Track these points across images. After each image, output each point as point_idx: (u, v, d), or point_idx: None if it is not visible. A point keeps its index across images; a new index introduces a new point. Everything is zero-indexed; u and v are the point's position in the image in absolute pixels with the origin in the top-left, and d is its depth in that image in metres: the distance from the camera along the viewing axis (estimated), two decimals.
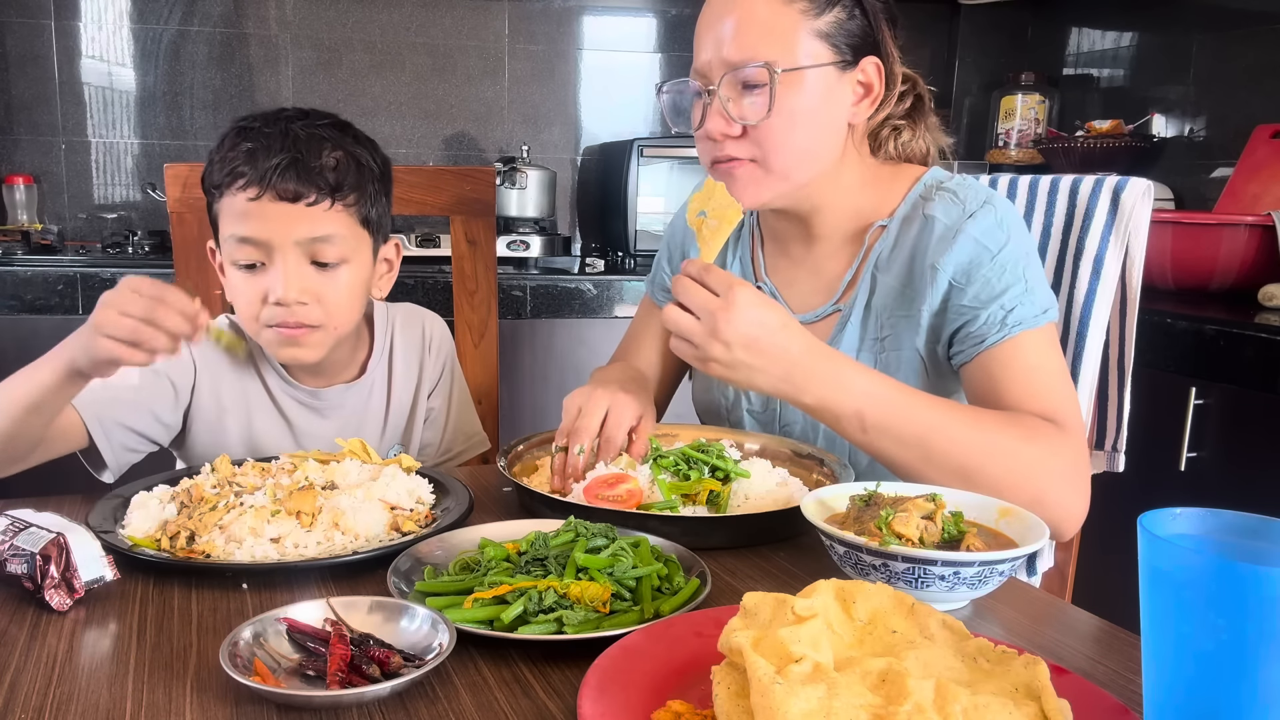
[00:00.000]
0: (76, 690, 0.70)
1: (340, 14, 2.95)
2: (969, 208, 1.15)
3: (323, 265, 1.18)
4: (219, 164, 1.18)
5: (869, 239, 1.22)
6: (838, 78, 1.14)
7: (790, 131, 1.13)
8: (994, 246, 1.13)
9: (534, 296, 2.52)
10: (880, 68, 1.16)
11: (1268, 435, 1.82)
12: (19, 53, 2.76)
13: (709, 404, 1.38)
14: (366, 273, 1.24)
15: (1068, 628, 0.86)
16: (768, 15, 1.10)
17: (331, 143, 1.19)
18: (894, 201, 1.22)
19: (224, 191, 1.17)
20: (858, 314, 1.21)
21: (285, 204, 1.15)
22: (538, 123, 3.15)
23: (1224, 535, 0.59)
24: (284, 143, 1.16)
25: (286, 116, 1.20)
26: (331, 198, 1.17)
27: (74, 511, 0.96)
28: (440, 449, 1.40)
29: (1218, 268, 2.18)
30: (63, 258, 2.48)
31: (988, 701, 0.57)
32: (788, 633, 0.61)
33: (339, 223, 1.18)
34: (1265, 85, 2.52)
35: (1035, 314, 1.12)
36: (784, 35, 1.10)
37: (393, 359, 1.35)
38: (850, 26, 1.13)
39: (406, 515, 1.00)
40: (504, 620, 0.76)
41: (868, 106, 1.17)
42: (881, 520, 0.85)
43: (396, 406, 1.35)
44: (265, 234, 1.15)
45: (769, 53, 1.10)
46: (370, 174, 1.22)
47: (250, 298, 1.18)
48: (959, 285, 1.14)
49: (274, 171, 1.14)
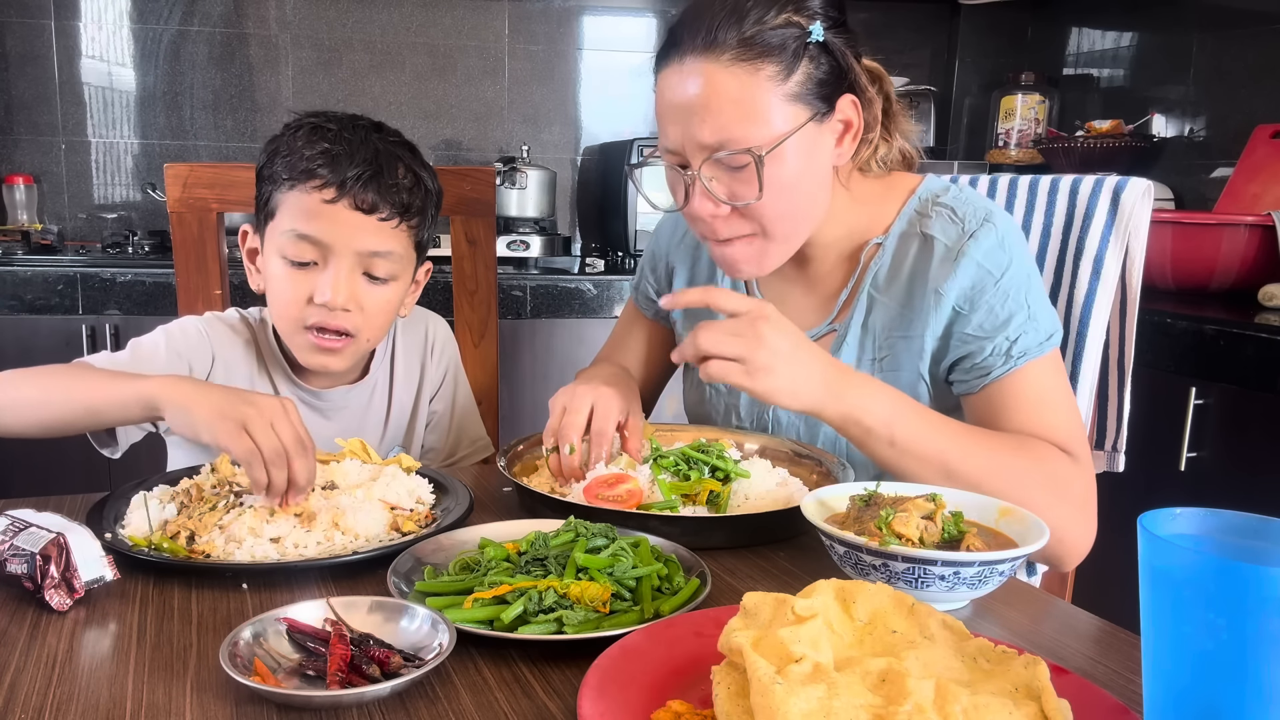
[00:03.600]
0: (76, 690, 0.70)
1: (340, 14, 2.96)
2: (968, 226, 1.13)
3: (373, 278, 1.19)
4: (291, 157, 1.17)
5: (864, 257, 1.20)
6: (817, 130, 1.08)
7: (784, 202, 1.09)
8: (997, 270, 1.11)
9: (534, 296, 2.52)
10: (856, 103, 1.11)
11: (1268, 435, 1.82)
12: (19, 53, 2.76)
13: (702, 416, 1.37)
14: (404, 291, 1.26)
15: (1068, 628, 0.86)
16: (736, 90, 1.03)
17: (404, 163, 1.21)
18: (888, 217, 1.20)
19: (293, 185, 1.16)
20: (854, 333, 1.20)
21: (358, 214, 1.16)
22: (538, 123, 3.15)
23: (1224, 535, 0.59)
24: (366, 153, 1.17)
25: (364, 126, 1.21)
26: (400, 217, 1.19)
27: (74, 511, 0.96)
28: (444, 453, 1.40)
29: (1218, 268, 2.18)
30: (63, 258, 2.48)
31: (988, 701, 0.57)
32: (788, 633, 0.61)
33: (399, 241, 1.20)
34: (1265, 85, 2.52)
35: (1039, 341, 1.11)
36: (757, 109, 1.04)
37: (395, 361, 1.36)
38: (820, 75, 1.07)
39: (406, 515, 1.00)
40: (504, 620, 0.76)
41: (850, 143, 1.13)
42: (881, 520, 0.85)
43: (398, 409, 1.36)
44: (330, 237, 1.16)
45: (746, 132, 1.04)
46: (432, 199, 1.25)
47: (294, 295, 1.18)
48: (962, 312, 1.12)
49: (355, 180, 1.15)
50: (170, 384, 1.03)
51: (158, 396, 1.02)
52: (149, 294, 2.31)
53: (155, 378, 1.05)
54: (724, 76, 1.04)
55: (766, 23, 1.04)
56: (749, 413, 1.30)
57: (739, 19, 1.04)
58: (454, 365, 1.43)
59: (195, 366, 1.25)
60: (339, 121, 1.20)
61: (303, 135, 1.18)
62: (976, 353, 1.12)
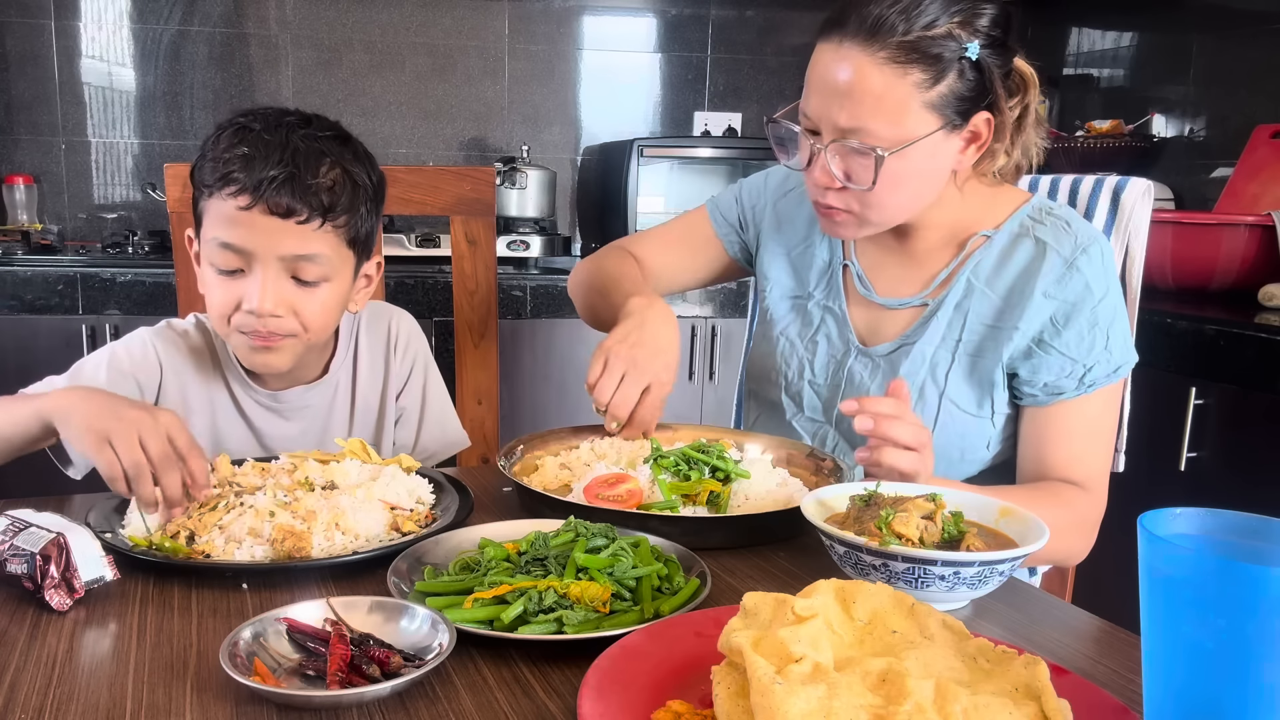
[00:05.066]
0: (76, 690, 0.70)
1: (340, 14, 2.96)
2: (1081, 241, 1.18)
3: (302, 282, 1.16)
4: (212, 162, 1.13)
5: (970, 245, 1.24)
6: (945, 138, 1.13)
7: (892, 194, 1.14)
8: (1098, 292, 1.16)
9: (534, 296, 2.52)
10: (990, 121, 1.14)
11: (1268, 435, 1.82)
12: (19, 53, 2.76)
13: (767, 370, 1.38)
14: (345, 289, 1.22)
15: (1068, 628, 0.86)
16: (881, 86, 1.08)
17: (331, 158, 1.15)
18: (999, 216, 1.24)
19: (213, 192, 1.13)
20: (946, 312, 1.23)
21: (275, 218, 1.11)
22: (538, 123, 3.15)
23: (1224, 535, 0.59)
24: (282, 154, 1.12)
25: (289, 123, 1.16)
26: (323, 218, 1.13)
27: (74, 511, 0.96)
28: (415, 450, 1.37)
29: (1218, 268, 2.18)
30: (63, 258, 2.48)
31: (988, 701, 0.57)
32: (788, 633, 0.61)
33: (325, 243, 1.15)
34: (1265, 85, 2.52)
35: (1108, 372, 1.18)
36: (895, 109, 1.09)
37: (358, 359, 1.33)
38: (963, 90, 1.10)
39: (406, 515, 1.00)
40: (504, 620, 0.76)
41: (974, 153, 1.16)
42: (881, 520, 0.85)
43: (363, 406, 1.34)
44: (250, 244, 1.12)
45: (878, 127, 1.09)
46: (364, 194, 1.19)
47: (224, 301, 1.16)
48: (1057, 325, 1.17)
49: (269, 184, 1.10)
50: (60, 395, 1.02)
51: (50, 412, 1.01)
52: (149, 294, 2.31)
53: (54, 392, 1.04)
54: (874, 71, 1.08)
55: (931, 29, 1.08)
56: (824, 368, 1.32)
57: (906, 17, 1.07)
58: (422, 359, 1.40)
59: (143, 382, 1.23)
60: (264, 120, 1.15)
61: (225, 138, 1.14)
62: (1056, 369, 1.17)
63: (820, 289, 1.34)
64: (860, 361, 1.28)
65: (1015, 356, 1.19)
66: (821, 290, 1.34)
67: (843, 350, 1.30)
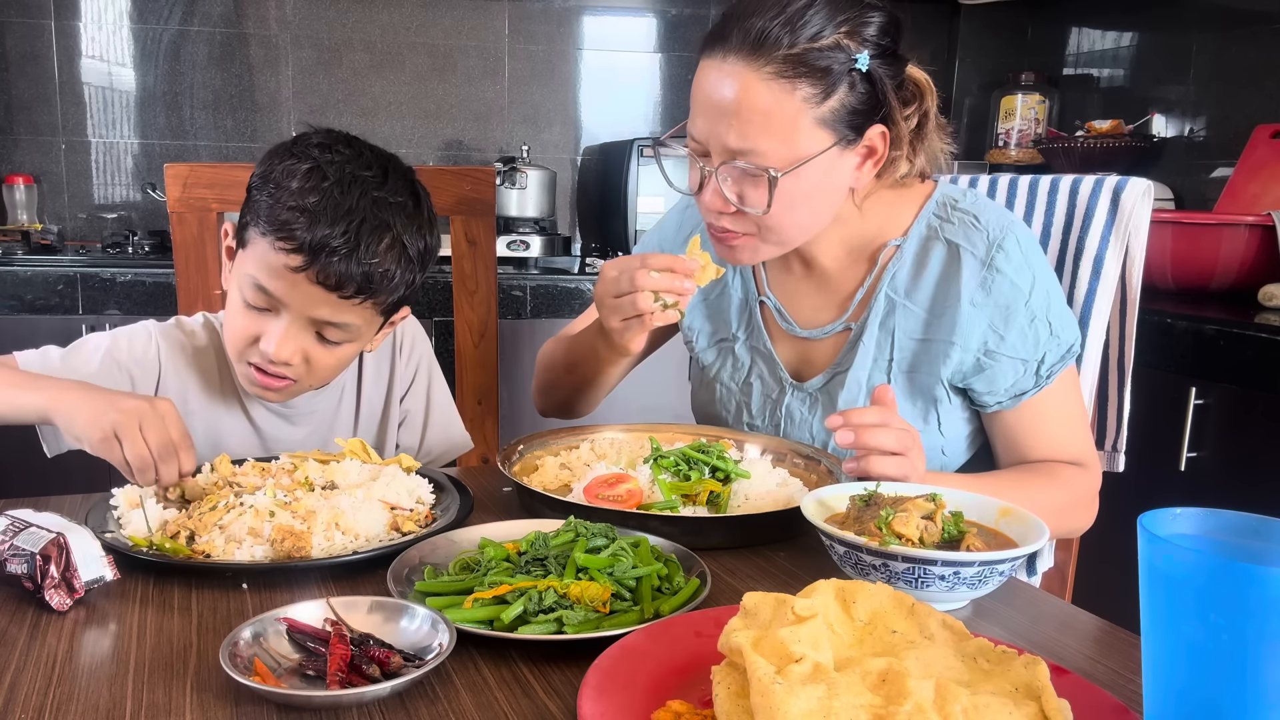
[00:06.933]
0: (76, 690, 0.70)
1: (340, 14, 2.95)
2: (992, 235, 1.15)
3: (325, 340, 1.16)
4: (278, 193, 1.09)
5: (882, 258, 1.21)
6: (838, 155, 1.09)
7: (789, 216, 1.10)
8: (1025, 286, 1.14)
9: (534, 296, 2.52)
10: (886, 135, 1.10)
11: (1268, 435, 1.82)
12: (19, 53, 2.76)
13: (711, 416, 1.37)
14: (364, 344, 1.22)
15: (1068, 628, 0.86)
16: (769, 103, 1.04)
17: (393, 233, 1.12)
18: (904, 221, 1.20)
19: (266, 233, 1.10)
20: (872, 334, 1.20)
21: (318, 287, 1.10)
22: (538, 123, 3.15)
23: (1224, 535, 0.59)
24: (349, 222, 1.08)
25: (364, 180, 1.12)
26: (366, 296, 1.12)
27: (74, 511, 0.96)
28: (419, 452, 1.38)
29: (1218, 268, 2.18)
30: (63, 258, 2.47)
31: (988, 701, 0.57)
32: (788, 633, 0.61)
33: (360, 315, 1.15)
34: (1265, 85, 2.52)
35: (1062, 355, 1.17)
36: (785, 127, 1.04)
37: (363, 362, 1.34)
38: (855, 103, 1.06)
39: (406, 515, 1.00)
40: (504, 620, 0.76)
41: (871, 168, 1.13)
42: (881, 520, 0.85)
43: (367, 410, 1.34)
44: (286, 298, 1.11)
45: (769, 147, 1.05)
46: (413, 270, 1.16)
47: (243, 333, 1.15)
48: (998, 331, 1.15)
49: (325, 254, 1.07)
50: (61, 394, 1.04)
51: (49, 410, 1.03)
52: (149, 294, 2.31)
53: (53, 388, 1.05)
54: (760, 88, 1.03)
55: (817, 41, 1.03)
56: (760, 410, 1.30)
57: (791, 30, 1.03)
58: (426, 362, 1.40)
59: (136, 377, 1.23)
60: (339, 169, 1.11)
61: (299, 174, 1.11)
62: (1011, 373, 1.16)
63: (742, 329, 1.31)
64: (796, 398, 1.26)
65: (963, 372, 1.17)
66: (743, 330, 1.31)
67: (777, 390, 1.27)
